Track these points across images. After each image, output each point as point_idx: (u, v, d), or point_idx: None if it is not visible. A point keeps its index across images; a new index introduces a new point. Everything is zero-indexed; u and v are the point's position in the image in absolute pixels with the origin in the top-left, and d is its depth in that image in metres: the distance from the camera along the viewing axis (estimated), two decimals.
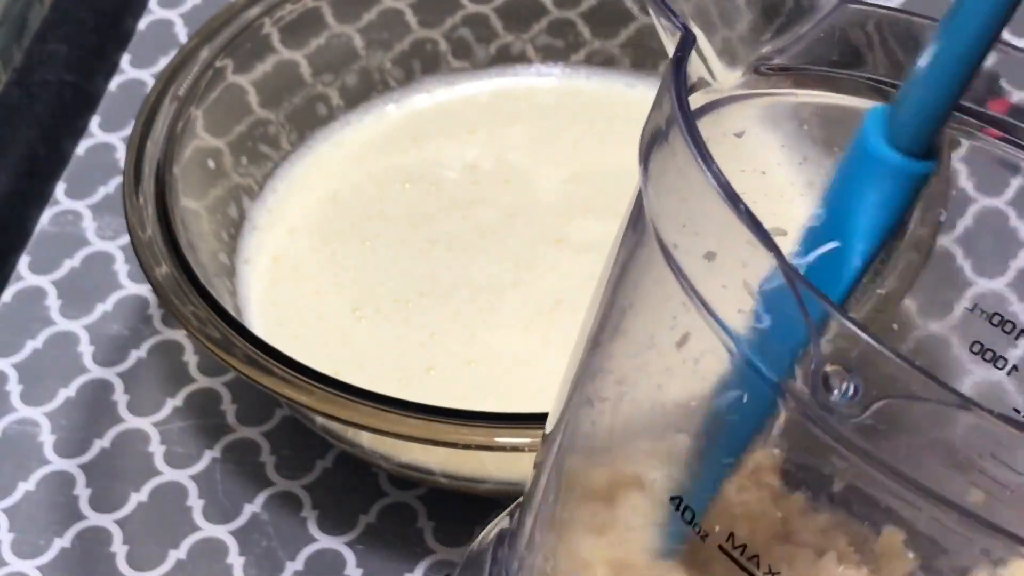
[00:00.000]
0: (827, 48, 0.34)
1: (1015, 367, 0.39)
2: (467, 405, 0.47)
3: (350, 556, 0.52)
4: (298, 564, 0.52)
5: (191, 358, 0.57)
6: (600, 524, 0.35)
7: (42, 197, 0.62)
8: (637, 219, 0.33)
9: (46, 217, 0.62)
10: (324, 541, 0.53)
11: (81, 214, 0.62)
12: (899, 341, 0.56)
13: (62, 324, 0.58)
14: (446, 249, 0.57)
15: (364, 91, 0.61)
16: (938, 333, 0.44)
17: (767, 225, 0.28)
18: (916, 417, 0.26)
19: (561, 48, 0.63)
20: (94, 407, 0.56)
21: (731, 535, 0.31)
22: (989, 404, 0.26)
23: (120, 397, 0.56)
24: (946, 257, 0.59)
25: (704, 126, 0.31)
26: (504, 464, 0.50)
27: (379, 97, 0.62)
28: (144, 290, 0.59)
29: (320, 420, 0.50)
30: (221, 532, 0.53)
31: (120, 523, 0.53)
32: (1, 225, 0.62)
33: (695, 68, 0.33)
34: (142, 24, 0.68)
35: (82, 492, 0.54)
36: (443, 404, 0.47)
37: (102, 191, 0.62)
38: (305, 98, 0.60)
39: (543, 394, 0.52)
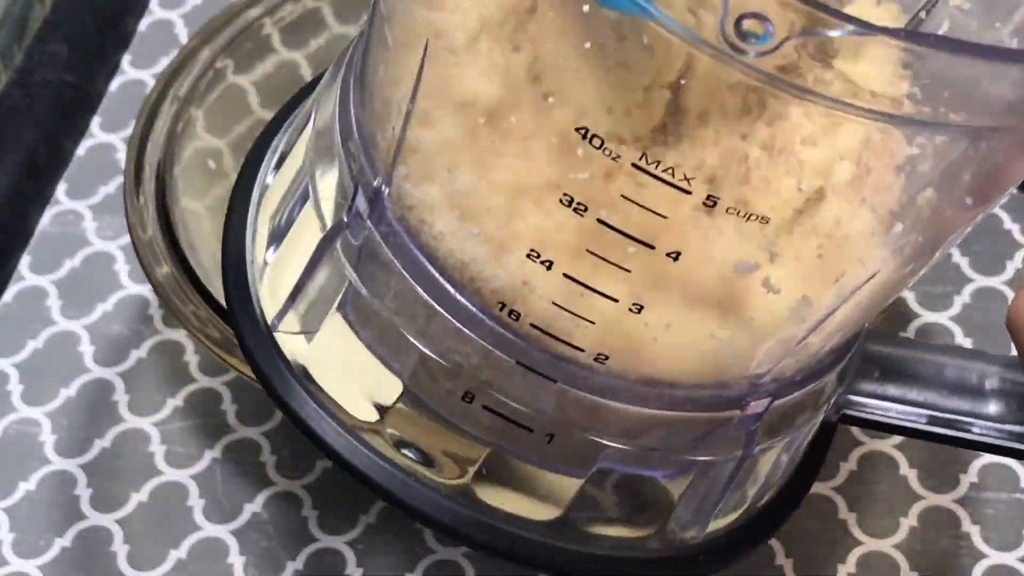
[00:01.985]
0: None
1: None
2: None
3: (350, 556, 0.52)
4: (298, 564, 0.52)
5: (191, 358, 0.57)
6: None
7: (43, 197, 0.63)
8: None
9: (47, 217, 0.62)
10: (324, 541, 0.53)
11: (82, 214, 0.62)
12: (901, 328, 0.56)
13: (63, 324, 0.59)
14: None
15: None
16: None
17: None
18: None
19: None
20: (95, 407, 0.56)
21: None
22: None
23: (121, 397, 0.56)
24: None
25: None
26: None
27: None
28: (145, 290, 0.59)
29: None
30: (221, 532, 0.53)
31: (121, 523, 0.53)
32: (2, 225, 0.62)
33: None
34: (143, 24, 0.68)
35: (83, 492, 0.54)
36: None
37: (103, 191, 0.63)
38: None
39: None
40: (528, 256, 0.36)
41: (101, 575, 0.52)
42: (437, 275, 0.37)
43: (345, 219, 0.39)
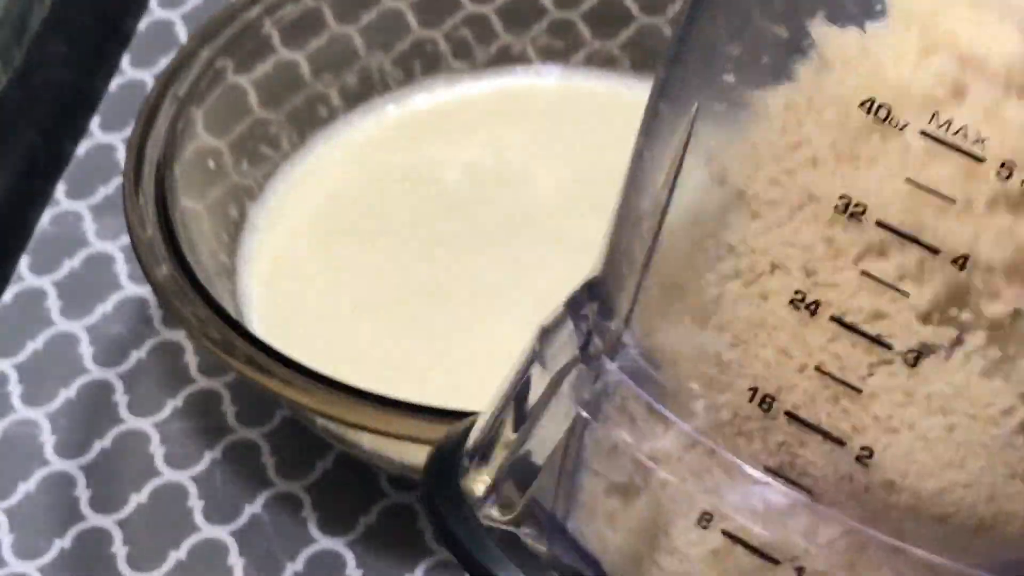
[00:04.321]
0: None
1: None
2: (467, 405, 0.47)
3: (350, 556, 0.52)
4: (298, 565, 0.52)
5: (191, 359, 0.57)
6: None
7: (42, 198, 0.62)
8: None
9: (46, 218, 0.62)
10: (324, 542, 0.53)
11: (81, 215, 0.62)
12: None
13: (62, 325, 0.58)
14: (446, 249, 0.57)
15: (364, 91, 0.61)
16: None
17: None
18: None
19: (561, 49, 0.62)
20: (94, 408, 0.56)
21: None
22: None
23: (120, 398, 0.56)
24: None
25: None
26: None
27: (379, 97, 0.62)
28: (144, 291, 0.59)
29: (320, 421, 0.50)
30: (221, 533, 0.53)
31: (120, 524, 0.53)
32: (1, 226, 0.62)
33: None
34: (142, 24, 0.68)
35: (82, 493, 0.54)
36: (443, 404, 0.47)
37: (102, 192, 0.62)
38: (305, 98, 0.60)
39: None
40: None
41: None
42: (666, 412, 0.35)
43: (578, 358, 0.36)
